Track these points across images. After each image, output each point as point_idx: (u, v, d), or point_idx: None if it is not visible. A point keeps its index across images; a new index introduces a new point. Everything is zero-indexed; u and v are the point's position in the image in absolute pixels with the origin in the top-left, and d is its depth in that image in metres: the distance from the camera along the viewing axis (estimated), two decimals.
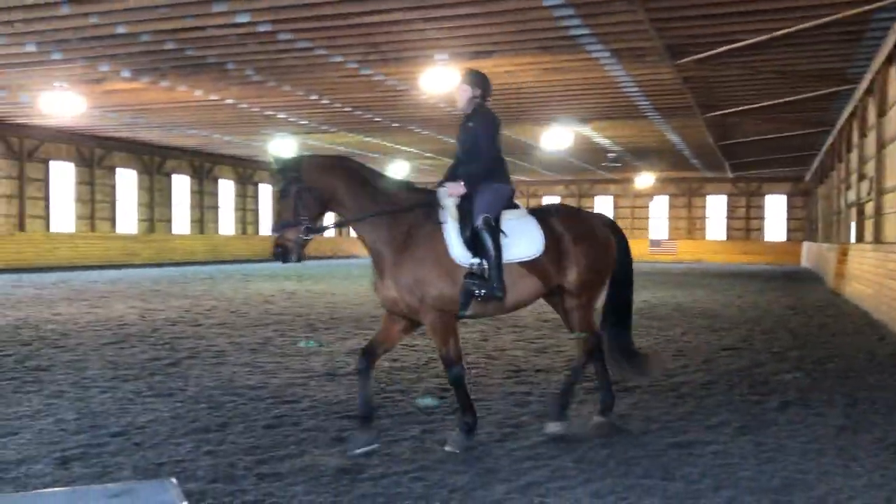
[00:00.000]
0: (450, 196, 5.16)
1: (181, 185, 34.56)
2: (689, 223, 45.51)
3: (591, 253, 5.34)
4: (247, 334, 10.01)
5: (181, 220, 34.71)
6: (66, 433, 5.09)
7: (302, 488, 4.09)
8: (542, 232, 5.21)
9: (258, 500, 3.91)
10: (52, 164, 28.12)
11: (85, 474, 4.26)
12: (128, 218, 31.83)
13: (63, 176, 28.69)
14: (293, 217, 4.84)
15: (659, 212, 46.32)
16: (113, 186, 30.93)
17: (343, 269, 29.10)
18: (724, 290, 19.22)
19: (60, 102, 19.42)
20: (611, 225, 5.74)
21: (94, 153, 29.74)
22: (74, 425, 5.31)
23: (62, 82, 18.35)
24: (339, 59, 15.59)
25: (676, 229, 45.77)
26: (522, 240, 5.17)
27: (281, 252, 4.85)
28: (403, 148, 30.68)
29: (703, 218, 45.59)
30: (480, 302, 5.00)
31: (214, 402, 6.09)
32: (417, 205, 5.13)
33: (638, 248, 40.95)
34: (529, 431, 5.32)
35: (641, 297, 16.22)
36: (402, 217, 5.04)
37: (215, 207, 36.71)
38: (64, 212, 28.69)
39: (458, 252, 4.98)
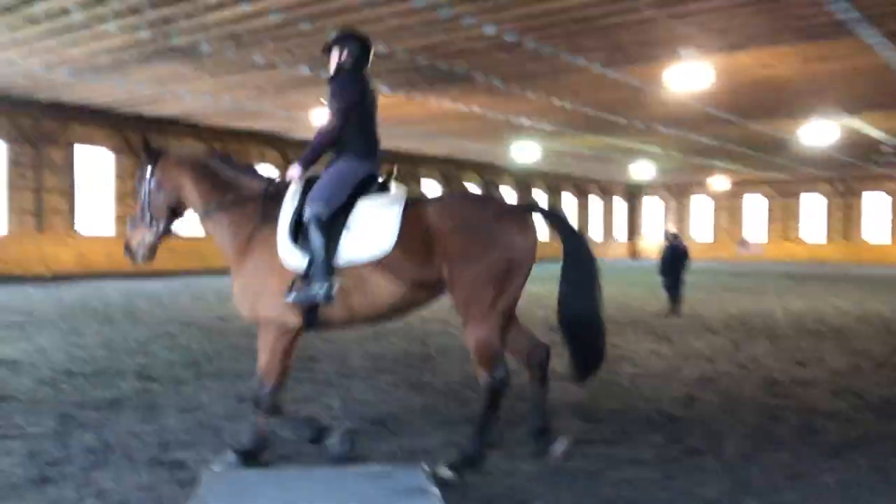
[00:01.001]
0: (288, 181, 4.52)
1: (430, 191, 36.42)
2: None
3: (468, 247, 4.19)
4: None
5: None
6: (332, 418, 5.62)
7: (543, 487, 4.18)
8: (399, 223, 4.28)
9: (501, 494, 4.06)
10: None
11: (348, 457, 4.68)
12: None
13: None
14: (141, 216, 4.68)
15: None
16: None
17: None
18: None
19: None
20: (524, 218, 4.39)
21: None
22: (339, 411, 5.85)
23: None
24: (582, 62, 15.59)
25: None
26: (369, 234, 4.29)
27: (126, 252, 4.72)
28: (649, 148, 29.88)
29: None
30: (328, 309, 4.31)
31: (462, 397, 6.39)
32: (263, 196, 4.51)
33: None
34: (785, 447, 4.97)
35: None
36: (247, 214, 4.50)
37: None
38: None
39: (286, 253, 4.32)
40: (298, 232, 4.34)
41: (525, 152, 29.23)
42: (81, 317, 11.85)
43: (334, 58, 4.80)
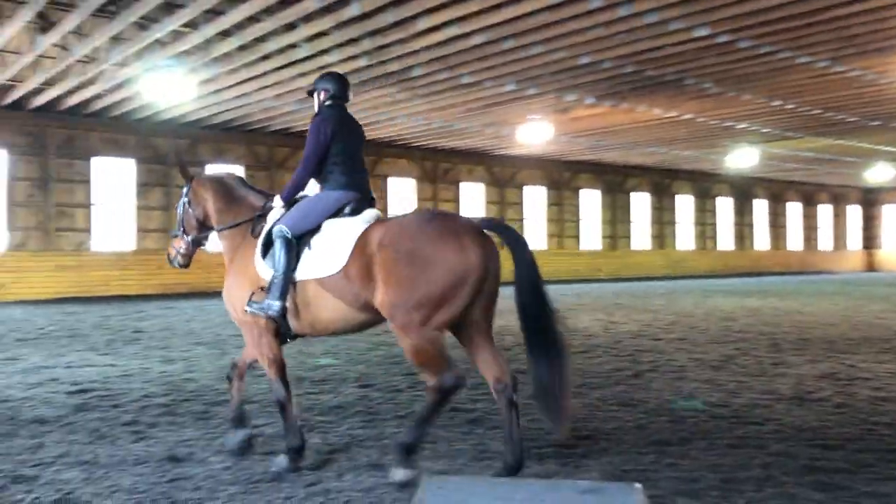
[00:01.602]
0: (274, 207, 5.05)
1: (641, 202, 35.48)
2: None
3: (405, 269, 4.26)
4: (707, 351, 9.84)
5: (641, 236, 35.62)
6: (542, 432, 5.60)
7: None
8: (352, 246, 4.50)
9: None
10: (525, 188, 31.27)
11: (558, 471, 4.64)
12: (592, 235, 33.76)
13: (536, 198, 31.69)
14: (179, 229, 5.46)
15: None
16: (578, 206, 33.12)
17: (813, 284, 26.75)
18: None
19: (534, 132, 21.62)
20: (466, 237, 4.31)
21: (563, 176, 32.24)
22: (548, 426, 5.81)
23: (535, 114, 20.38)
24: (805, 59, 14.48)
25: None
26: (325, 254, 4.58)
27: (167, 260, 5.55)
28: (885, 148, 27.08)
29: None
30: (293, 319, 4.73)
31: (675, 415, 6.12)
32: (258, 214, 5.10)
33: None
34: None
35: None
36: (242, 228, 5.13)
37: (673, 223, 36.85)
38: (537, 231, 31.64)
39: (259, 265, 4.82)
40: (269, 248, 4.81)
41: (742, 159, 27.65)
42: None
43: (315, 102, 5.24)
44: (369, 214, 4.84)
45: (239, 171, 23.60)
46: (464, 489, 2.56)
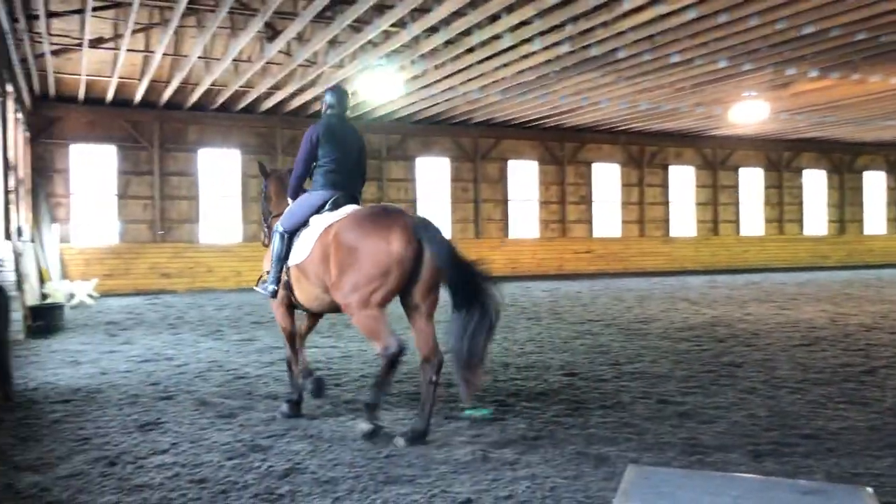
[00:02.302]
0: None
1: (875, 182, 32.18)
2: None
3: (344, 257, 5.09)
4: None
5: (875, 219, 32.31)
6: (758, 428, 5.29)
7: None
8: (318, 236, 5.34)
9: None
10: (741, 170, 29.46)
11: (776, 470, 4.36)
12: (816, 219, 31.18)
13: (752, 181, 29.77)
14: (263, 217, 6.62)
15: None
16: (800, 188, 30.71)
17: None
18: None
19: (749, 111, 20.30)
20: (392, 231, 4.99)
21: (782, 156, 30.02)
22: (766, 422, 5.48)
23: (751, 91, 19.13)
24: None
25: None
26: (303, 244, 5.48)
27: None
28: None
29: None
30: (295, 297, 5.76)
31: None
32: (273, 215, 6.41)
33: None
34: None
35: None
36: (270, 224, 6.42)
37: None
38: (752, 216, 29.74)
39: (267, 254, 6.02)
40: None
41: None
42: (513, 314, 12.96)
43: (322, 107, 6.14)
44: (345, 210, 5.49)
45: (444, 163, 24.38)
46: (672, 481, 2.48)
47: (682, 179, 28.34)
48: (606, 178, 26.94)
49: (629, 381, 7.09)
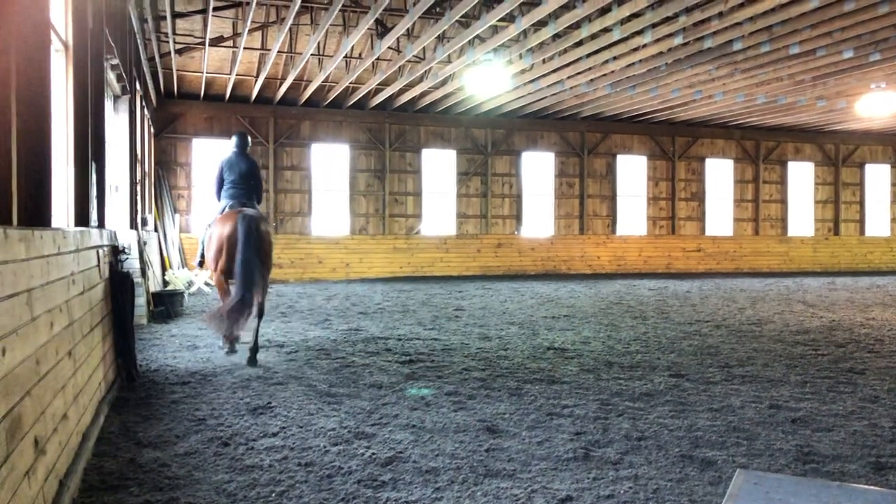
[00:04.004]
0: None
1: None
2: None
3: (208, 240, 8.48)
4: None
5: None
6: (881, 439, 5.00)
7: None
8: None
9: None
10: (866, 167, 27.85)
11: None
12: None
13: (878, 178, 28.08)
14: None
15: None
16: None
17: None
18: None
19: (877, 103, 19.11)
20: (228, 218, 8.16)
21: None
22: (890, 433, 5.17)
23: (879, 83, 18.03)
24: None
25: None
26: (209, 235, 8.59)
27: None
28: None
29: None
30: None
31: None
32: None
33: None
34: None
35: None
36: None
37: None
38: (878, 215, 28.06)
39: None
40: None
41: None
42: (618, 312, 12.73)
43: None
44: (226, 214, 8.36)
45: (550, 158, 24.17)
46: (784, 487, 2.38)
47: (801, 176, 27.04)
48: (718, 174, 26.03)
49: (739, 384, 6.84)
